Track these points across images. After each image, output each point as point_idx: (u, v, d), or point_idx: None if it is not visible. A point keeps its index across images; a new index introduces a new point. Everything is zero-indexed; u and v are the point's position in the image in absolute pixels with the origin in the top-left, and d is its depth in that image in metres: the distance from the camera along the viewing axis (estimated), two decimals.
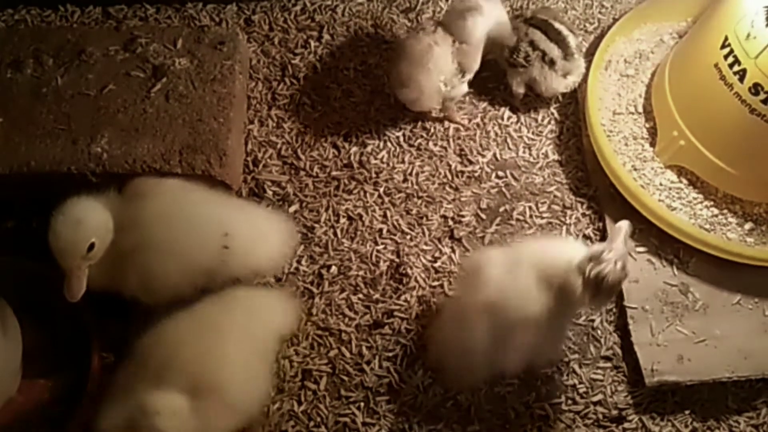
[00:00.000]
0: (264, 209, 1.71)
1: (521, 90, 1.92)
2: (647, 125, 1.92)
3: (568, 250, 1.44)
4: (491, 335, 1.42)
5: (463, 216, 1.82)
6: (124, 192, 1.49)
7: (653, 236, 1.78)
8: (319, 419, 1.59)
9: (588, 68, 1.92)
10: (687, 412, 1.64)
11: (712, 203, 1.81)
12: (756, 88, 1.61)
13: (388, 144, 1.91)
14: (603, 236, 1.80)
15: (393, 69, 1.84)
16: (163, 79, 1.77)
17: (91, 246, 1.39)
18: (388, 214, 1.82)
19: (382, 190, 1.84)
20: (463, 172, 1.88)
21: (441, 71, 1.79)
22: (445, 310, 1.62)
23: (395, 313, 1.70)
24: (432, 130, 1.93)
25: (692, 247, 1.74)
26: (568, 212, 1.84)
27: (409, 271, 1.74)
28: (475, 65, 1.85)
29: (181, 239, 1.43)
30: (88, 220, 1.39)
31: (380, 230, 1.80)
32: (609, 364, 1.67)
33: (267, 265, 1.55)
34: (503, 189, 1.86)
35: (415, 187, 1.85)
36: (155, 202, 1.46)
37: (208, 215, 1.48)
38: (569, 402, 1.63)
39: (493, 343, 1.43)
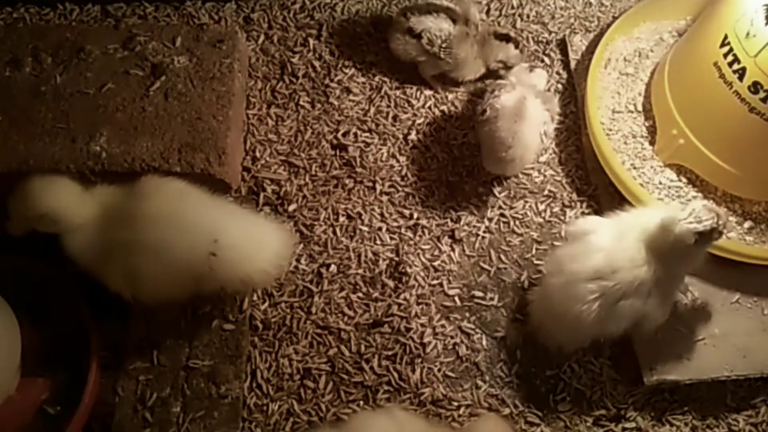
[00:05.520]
0: (264, 219, 1.68)
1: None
2: (646, 124, 1.92)
3: (669, 215, 1.45)
4: (600, 304, 1.44)
5: (462, 215, 1.82)
6: (132, 189, 1.49)
7: None
8: (318, 418, 1.59)
9: (587, 67, 1.92)
10: (686, 410, 1.65)
11: (711, 202, 1.81)
12: (755, 87, 1.61)
13: (388, 143, 1.91)
14: None
15: (488, 133, 1.74)
16: (162, 78, 1.77)
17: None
18: (388, 212, 1.82)
19: (381, 188, 1.84)
20: (461, 171, 1.88)
21: (539, 122, 1.73)
22: (550, 279, 1.57)
23: (394, 312, 1.70)
24: (431, 129, 1.93)
25: None
26: (568, 211, 1.84)
27: (408, 269, 1.74)
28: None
29: (169, 242, 1.42)
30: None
31: (379, 229, 1.80)
32: (608, 363, 1.67)
33: (258, 276, 1.52)
34: (502, 187, 1.86)
35: (415, 185, 1.85)
36: (151, 203, 1.45)
37: (199, 221, 1.46)
38: (568, 401, 1.63)
39: (602, 311, 1.45)
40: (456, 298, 1.73)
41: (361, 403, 1.61)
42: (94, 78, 1.77)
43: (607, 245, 1.47)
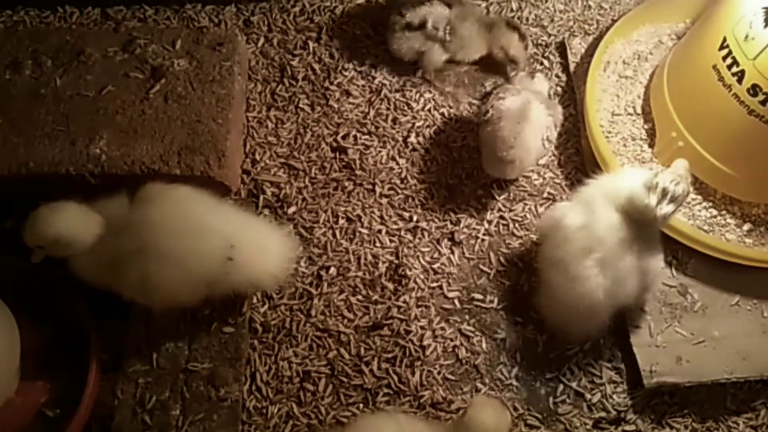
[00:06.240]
0: (268, 223, 1.70)
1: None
2: (646, 126, 1.92)
3: (633, 177, 1.53)
4: (603, 274, 1.49)
5: (461, 217, 1.82)
6: (136, 196, 1.49)
7: None
8: (318, 421, 1.59)
9: (586, 70, 1.92)
10: (686, 413, 1.65)
11: (710, 204, 1.82)
12: (754, 90, 1.61)
13: (387, 145, 1.91)
14: None
15: (490, 133, 1.75)
16: (162, 80, 1.77)
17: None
18: (387, 215, 1.82)
19: (381, 191, 1.85)
20: (461, 174, 1.88)
21: (542, 126, 1.77)
22: (547, 275, 1.61)
23: (394, 315, 1.70)
24: (430, 132, 1.93)
25: (691, 248, 1.74)
26: None
27: (408, 272, 1.74)
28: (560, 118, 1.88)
29: (182, 248, 1.43)
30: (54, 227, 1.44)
31: (379, 231, 1.80)
32: (608, 366, 1.67)
33: (266, 278, 1.54)
34: (502, 190, 1.86)
35: (414, 188, 1.85)
36: (160, 208, 1.46)
37: (212, 227, 1.47)
38: (568, 403, 1.63)
39: (606, 279, 1.50)
40: (456, 301, 1.73)
41: (361, 405, 1.61)
42: (94, 81, 1.77)
43: (583, 222, 1.52)
